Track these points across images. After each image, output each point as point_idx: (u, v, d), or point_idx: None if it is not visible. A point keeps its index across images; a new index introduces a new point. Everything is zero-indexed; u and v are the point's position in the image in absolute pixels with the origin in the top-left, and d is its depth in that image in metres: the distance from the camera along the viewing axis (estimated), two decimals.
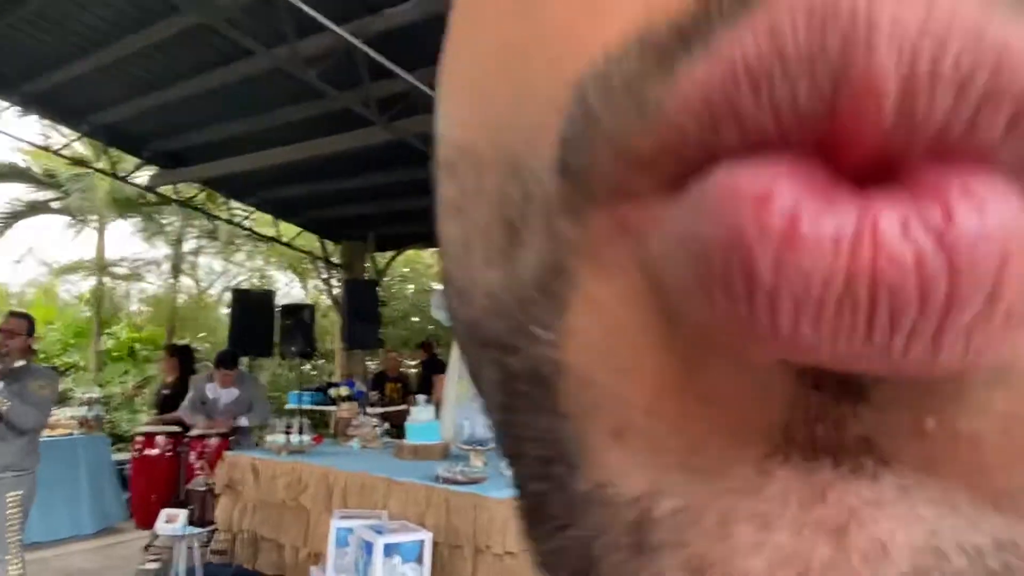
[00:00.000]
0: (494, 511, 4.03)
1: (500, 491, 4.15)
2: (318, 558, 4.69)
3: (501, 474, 4.54)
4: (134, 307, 16.22)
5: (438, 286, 9.59)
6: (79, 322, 13.48)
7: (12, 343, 3.93)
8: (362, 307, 7.93)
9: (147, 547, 5.31)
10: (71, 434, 6.57)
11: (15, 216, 11.50)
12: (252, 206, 8.96)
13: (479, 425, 4.97)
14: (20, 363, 3.98)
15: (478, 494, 4.12)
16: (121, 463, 6.68)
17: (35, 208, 11.71)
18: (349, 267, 9.41)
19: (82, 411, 6.92)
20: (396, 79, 4.99)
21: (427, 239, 9.51)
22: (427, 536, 3.83)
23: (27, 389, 3.86)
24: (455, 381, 7.54)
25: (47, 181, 10.93)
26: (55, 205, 11.63)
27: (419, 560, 3.77)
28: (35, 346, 4.17)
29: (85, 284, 14.76)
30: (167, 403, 6.20)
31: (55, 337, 12.75)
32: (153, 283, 15.71)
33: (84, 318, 13.37)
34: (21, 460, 3.89)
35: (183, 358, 6.52)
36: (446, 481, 4.31)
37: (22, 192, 11.67)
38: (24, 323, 4.08)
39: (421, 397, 5.53)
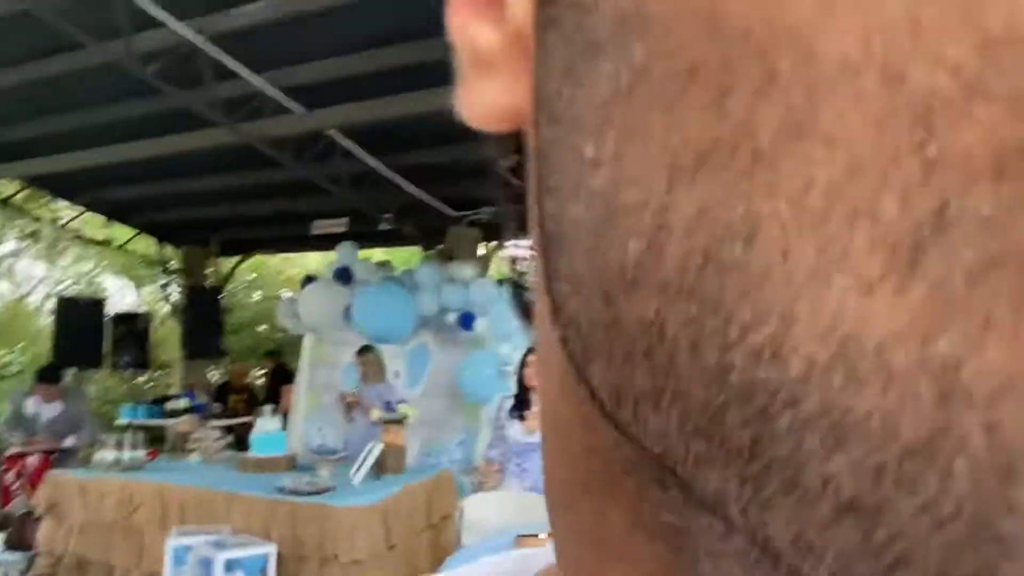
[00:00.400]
0: (341, 519, 4.02)
1: (347, 499, 4.15)
2: None
3: (349, 483, 4.53)
4: None
5: (287, 293, 9.36)
6: None
7: None
8: (204, 315, 7.59)
9: None
10: None
11: None
12: (83, 206, 8.34)
13: (330, 436, 4.93)
14: None
15: (325, 504, 4.09)
16: None
17: None
18: (190, 273, 8.96)
19: None
20: (243, 80, 4.87)
21: (274, 244, 9.27)
22: (271, 549, 3.76)
23: None
24: (305, 391, 7.40)
25: None
26: None
27: (263, 574, 3.70)
28: None
29: None
30: None
31: None
32: None
33: None
34: None
35: None
36: (291, 492, 4.24)
37: None
38: None
39: (267, 407, 5.39)
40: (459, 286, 6.40)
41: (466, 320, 6.13)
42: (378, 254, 8.93)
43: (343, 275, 6.99)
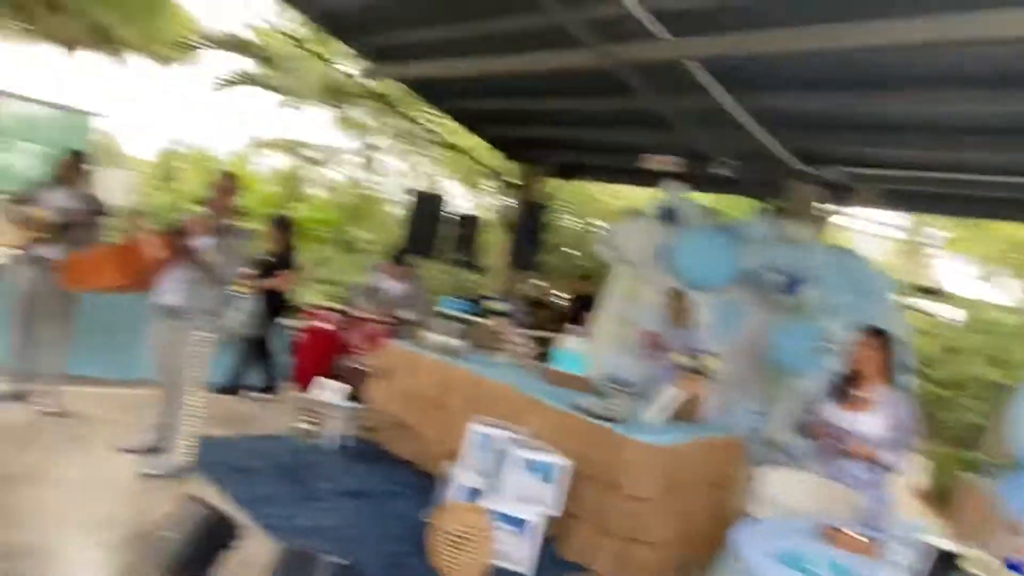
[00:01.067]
0: (629, 452, 4.03)
1: (637, 434, 4.14)
2: (454, 455, 4.91)
3: (641, 420, 4.52)
4: (316, 191, 17.31)
5: (603, 224, 9.46)
6: (268, 196, 14.55)
7: (223, 200, 4.29)
8: (529, 229, 8.02)
9: (304, 410, 5.77)
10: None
11: (230, 83, 12.46)
12: (445, 112, 9.18)
13: (624, 368, 4.94)
14: (228, 220, 4.34)
15: (616, 433, 4.12)
16: (291, 331, 7.23)
17: (251, 80, 12.65)
18: (523, 188, 9.50)
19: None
20: (616, 2, 4.83)
21: (603, 173, 9.39)
22: (563, 461, 3.90)
23: (231, 245, 4.22)
24: (608, 320, 7.51)
25: (265, 57, 11.71)
26: (269, 82, 12.50)
27: (550, 480, 3.86)
28: (238, 206, 4.45)
29: (279, 162, 15.87)
30: (267, 271, 6.51)
31: (253, 214, 13.83)
32: (337, 172, 16.64)
33: (273, 193, 14.41)
34: (214, 307, 4.30)
35: (287, 231, 6.77)
36: (586, 412, 4.34)
37: (240, 64, 12.63)
38: (233, 182, 4.42)
39: (576, 327, 5.54)
40: (791, 247, 5.95)
41: (792, 284, 5.69)
42: (705, 199, 8.62)
43: (667, 214, 6.87)
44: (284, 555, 2.75)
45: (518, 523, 3.83)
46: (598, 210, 13.37)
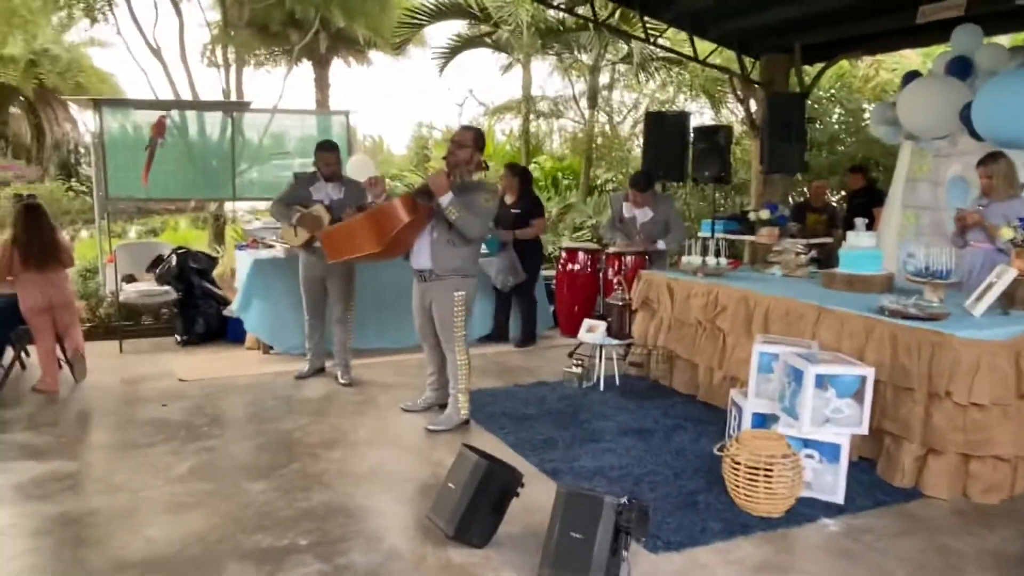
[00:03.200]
0: (961, 353, 3.34)
1: (967, 331, 3.42)
2: (734, 382, 4.51)
3: (966, 313, 3.76)
4: (555, 142, 17.40)
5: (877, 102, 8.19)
6: (509, 157, 14.87)
7: (463, 155, 4.23)
8: (786, 126, 7.16)
9: (571, 353, 5.70)
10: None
11: (453, 52, 12.78)
12: (667, 22, 8.55)
13: (932, 258, 4.13)
14: (472, 177, 4.29)
15: (938, 331, 3.44)
16: (547, 278, 7.23)
17: (471, 42, 12.88)
18: (770, 83, 8.56)
19: None
20: None
21: (865, 44, 8.12)
22: (869, 372, 3.33)
23: (475, 201, 4.16)
24: (898, 209, 6.51)
25: (480, 15, 11.82)
26: (488, 40, 12.66)
27: (857, 397, 3.32)
28: (483, 161, 4.35)
29: (513, 123, 16.14)
30: (517, 221, 6.40)
31: (490, 173, 14.26)
32: (571, 119, 16.55)
33: (513, 153, 14.68)
34: (465, 265, 4.29)
35: (523, 178, 6.62)
36: (893, 314, 3.69)
37: (460, 28, 12.91)
38: (472, 136, 4.33)
39: (860, 221, 4.80)
40: None
41: None
42: (1003, 41, 7.08)
43: (960, 67, 5.69)
44: (568, 498, 2.60)
45: (821, 447, 3.36)
46: (871, 91, 11.77)
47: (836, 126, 11.46)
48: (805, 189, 10.25)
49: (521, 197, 6.49)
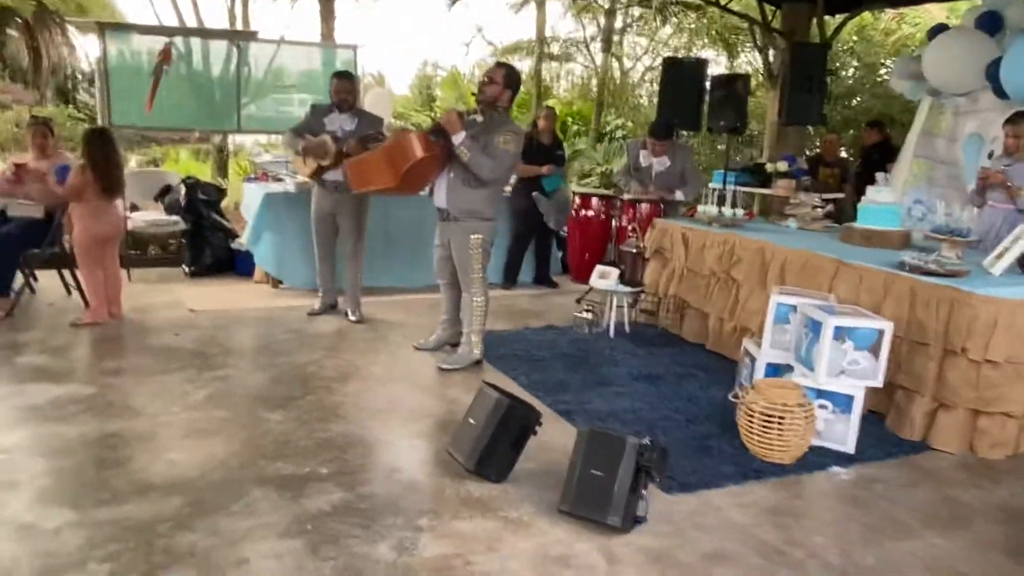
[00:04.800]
0: (979, 310, 3.36)
1: (987, 288, 3.44)
2: (744, 332, 4.55)
3: (985, 272, 3.77)
4: (563, 86, 17.15)
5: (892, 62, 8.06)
6: (518, 99, 14.71)
7: (491, 91, 4.13)
8: (806, 76, 7.05)
9: (580, 299, 5.72)
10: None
11: None
12: None
13: (952, 216, 4.13)
14: (484, 116, 4.18)
15: (957, 288, 3.46)
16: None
17: None
18: (791, 34, 8.42)
19: None
20: None
21: None
22: (887, 325, 3.36)
23: (493, 142, 4.09)
24: (910, 159, 6.47)
25: None
26: None
27: (874, 350, 3.35)
28: (509, 100, 4.23)
29: (523, 64, 15.85)
30: (546, 154, 6.51)
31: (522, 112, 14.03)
32: (581, 63, 16.29)
33: (522, 96, 14.47)
34: (482, 208, 4.24)
35: (549, 119, 6.69)
36: (913, 270, 3.70)
37: None
38: (504, 73, 4.22)
39: (881, 176, 4.78)
40: None
41: None
42: None
43: (990, 22, 5.59)
44: (592, 436, 2.64)
45: (835, 398, 3.41)
46: (892, 45, 11.58)
47: (852, 80, 11.30)
48: (818, 143, 10.17)
49: (549, 138, 6.60)
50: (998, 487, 3.17)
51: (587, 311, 5.31)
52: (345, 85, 5.15)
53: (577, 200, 6.94)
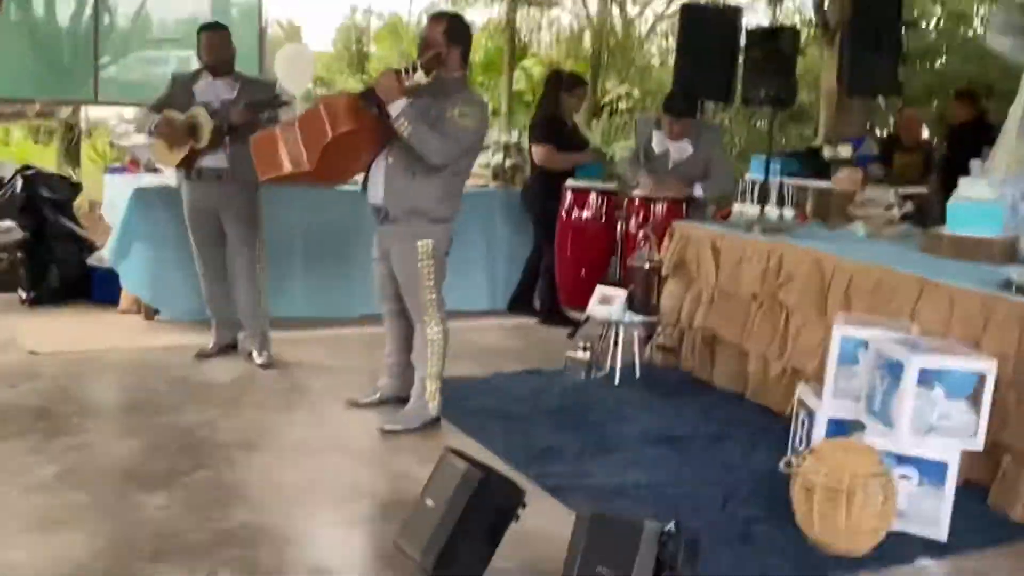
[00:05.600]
0: None
1: None
2: (797, 375, 4.62)
3: None
4: (547, 39, 17.33)
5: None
6: (487, 55, 14.79)
7: (431, 56, 4.18)
8: (873, 29, 7.21)
9: (571, 334, 5.76)
10: (485, 186, 7.29)
11: None
12: None
13: None
14: (429, 79, 4.20)
15: None
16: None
17: None
18: None
19: (496, 159, 7.57)
20: None
21: None
22: (989, 366, 3.45)
23: (445, 114, 4.14)
24: (1011, 143, 6.62)
25: None
26: None
27: (973, 400, 3.45)
28: (458, 62, 4.27)
29: (492, 11, 16.03)
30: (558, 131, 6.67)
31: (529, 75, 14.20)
32: (570, 10, 16.49)
33: (493, 50, 14.64)
34: (430, 205, 4.28)
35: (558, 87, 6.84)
36: (1021, 291, 3.81)
37: None
38: (443, 28, 4.28)
39: (976, 163, 4.92)
40: None
41: None
42: None
43: None
44: (594, 523, 2.68)
45: (922, 465, 3.48)
46: None
47: (935, 35, 11.60)
48: (892, 120, 10.39)
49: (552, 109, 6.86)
50: None
51: (584, 349, 5.36)
52: (217, 39, 5.25)
53: (569, 196, 6.92)
